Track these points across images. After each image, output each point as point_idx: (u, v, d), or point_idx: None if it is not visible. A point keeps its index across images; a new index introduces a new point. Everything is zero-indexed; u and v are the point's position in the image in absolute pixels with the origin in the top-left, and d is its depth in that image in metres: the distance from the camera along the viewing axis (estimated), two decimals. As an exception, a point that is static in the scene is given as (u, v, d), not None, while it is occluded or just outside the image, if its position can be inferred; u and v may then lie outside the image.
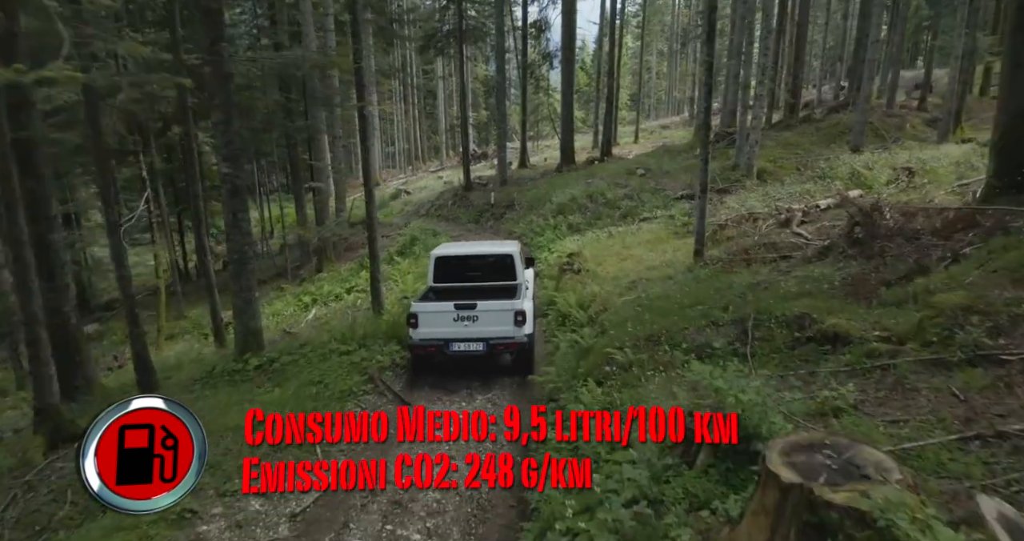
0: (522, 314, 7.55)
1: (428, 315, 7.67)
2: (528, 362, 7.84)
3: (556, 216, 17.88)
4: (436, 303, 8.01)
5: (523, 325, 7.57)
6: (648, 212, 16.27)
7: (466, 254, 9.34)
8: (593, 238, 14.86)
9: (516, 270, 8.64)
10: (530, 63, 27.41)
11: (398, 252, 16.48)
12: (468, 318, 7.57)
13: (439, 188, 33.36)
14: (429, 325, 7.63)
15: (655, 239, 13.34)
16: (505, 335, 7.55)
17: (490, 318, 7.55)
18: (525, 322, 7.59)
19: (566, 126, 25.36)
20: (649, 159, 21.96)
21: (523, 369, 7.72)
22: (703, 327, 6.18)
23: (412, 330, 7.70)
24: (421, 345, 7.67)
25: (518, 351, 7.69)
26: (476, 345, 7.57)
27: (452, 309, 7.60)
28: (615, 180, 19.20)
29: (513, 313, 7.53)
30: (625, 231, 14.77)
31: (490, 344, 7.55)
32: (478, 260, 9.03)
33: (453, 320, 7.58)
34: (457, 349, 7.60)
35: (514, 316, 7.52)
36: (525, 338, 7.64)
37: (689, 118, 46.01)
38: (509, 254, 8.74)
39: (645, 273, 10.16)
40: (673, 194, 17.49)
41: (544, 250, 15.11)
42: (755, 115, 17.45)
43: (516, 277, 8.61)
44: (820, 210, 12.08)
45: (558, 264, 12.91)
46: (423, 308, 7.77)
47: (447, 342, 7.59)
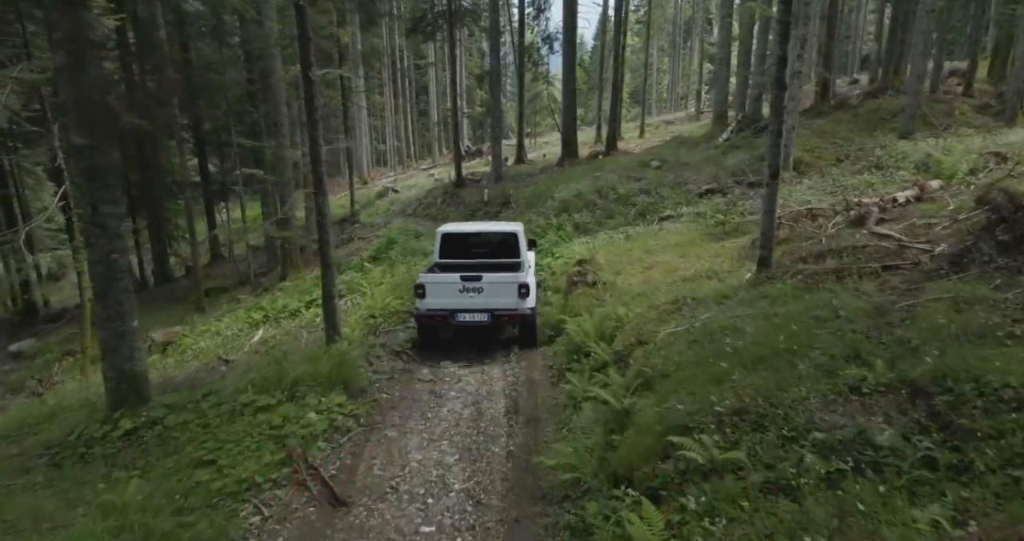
0: (526, 286, 7.83)
1: (435, 286, 7.90)
2: (532, 336, 8.22)
3: (559, 214, 15.29)
4: (443, 274, 8.15)
5: (526, 297, 7.85)
6: (669, 209, 13.68)
7: (471, 231, 9.46)
8: (606, 240, 12.27)
9: (520, 248, 8.84)
10: (528, 46, 24.79)
11: (371, 257, 13.86)
12: (473, 289, 7.84)
13: (429, 186, 30.76)
14: (436, 296, 7.88)
15: (685, 242, 10.76)
16: (509, 307, 7.82)
17: (495, 290, 7.81)
18: (529, 294, 7.90)
19: (568, 115, 22.76)
20: (663, 150, 19.38)
21: (528, 342, 8.20)
22: (836, 396, 3.58)
23: (419, 300, 7.95)
24: (428, 315, 7.92)
25: (521, 323, 8.10)
26: (481, 316, 7.84)
27: (458, 281, 7.84)
28: (627, 173, 16.61)
29: (517, 285, 7.80)
30: (645, 232, 12.18)
31: (495, 315, 7.82)
32: (483, 237, 9.21)
33: (459, 291, 7.84)
34: (462, 319, 7.88)
35: (518, 288, 7.79)
36: (528, 310, 7.95)
37: (696, 113, 43.56)
38: (513, 232, 8.93)
39: (686, 288, 7.56)
40: (696, 188, 14.91)
41: (547, 255, 12.51)
42: (792, 96, 14.88)
43: (519, 255, 8.79)
44: (899, 204, 9.52)
45: (566, 274, 10.32)
46: (430, 279, 7.99)
47: (453, 312, 7.86)
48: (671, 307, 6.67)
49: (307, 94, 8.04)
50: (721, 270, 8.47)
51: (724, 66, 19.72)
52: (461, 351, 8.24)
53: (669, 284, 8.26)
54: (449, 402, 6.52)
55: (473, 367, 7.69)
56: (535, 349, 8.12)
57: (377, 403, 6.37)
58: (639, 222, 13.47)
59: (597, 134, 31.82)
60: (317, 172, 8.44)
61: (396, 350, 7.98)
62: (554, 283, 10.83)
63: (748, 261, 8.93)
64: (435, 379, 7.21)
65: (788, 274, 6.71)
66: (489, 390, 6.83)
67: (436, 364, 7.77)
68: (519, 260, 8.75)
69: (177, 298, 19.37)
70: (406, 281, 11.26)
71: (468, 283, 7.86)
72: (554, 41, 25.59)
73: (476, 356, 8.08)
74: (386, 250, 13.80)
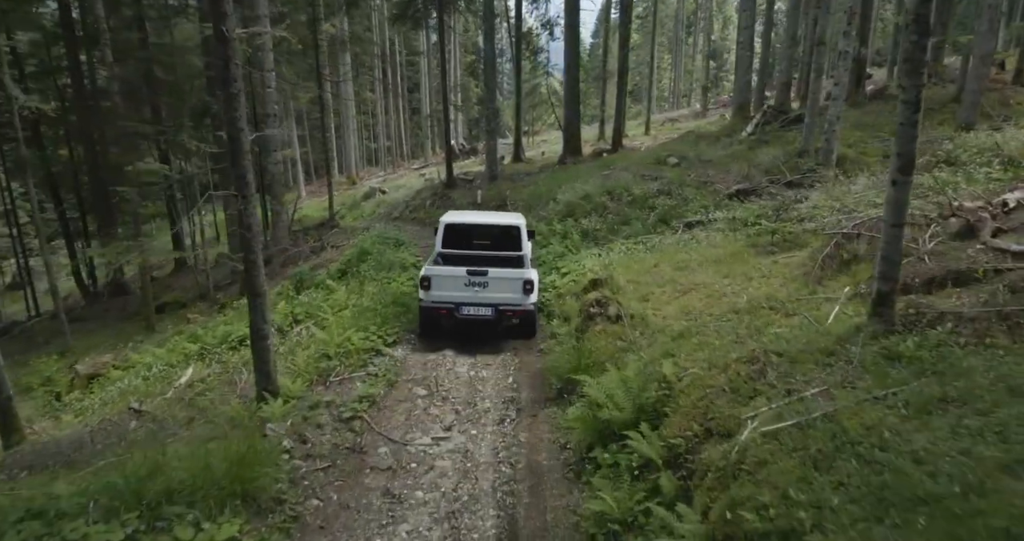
0: (530, 283, 7.94)
1: (440, 278, 7.91)
2: (531, 326, 8.33)
3: (564, 219, 13.07)
4: (449, 267, 8.08)
5: (531, 293, 7.98)
6: (697, 214, 11.47)
7: (475, 223, 9.23)
8: (624, 253, 10.05)
9: (522, 241, 8.75)
10: (525, 32, 22.55)
11: (338, 272, 11.60)
12: (479, 284, 7.85)
13: (419, 186, 28.52)
14: (441, 288, 7.90)
15: (725, 256, 8.54)
16: (513, 302, 7.91)
17: (500, 285, 7.87)
18: (533, 290, 8.02)
19: (570, 107, 20.53)
20: (680, 146, 17.16)
21: (527, 333, 8.35)
22: None
23: (424, 292, 7.94)
24: (433, 306, 7.92)
25: (523, 317, 8.10)
26: (485, 310, 7.87)
27: (464, 274, 7.86)
28: (641, 172, 14.40)
29: (522, 282, 7.91)
30: (670, 243, 9.96)
31: (499, 310, 7.88)
32: (486, 229, 9.03)
33: (464, 285, 7.86)
34: (467, 313, 7.88)
35: (523, 285, 7.91)
36: (531, 306, 8.09)
37: (702, 110, 41.39)
38: (516, 225, 8.84)
39: (748, 326, 5.40)
40: (725, 189, 12.70)
41: (550, 270, 10.30)
42: (838, 80, 12.68)
43: (521, 248, 8.72)
44: (1011, 209, 7.32)
45: (577, 298, 8.13)
46: (436, 271, 7.98)
47: (458, 306, 7.85)
48: (745, 367, 4.44)
49: (223, 55, 5.78)
50: (788, 299, 6.25)
51: (747, 49, 17.55)
52: (438, 418, 5.98)
53: (721, 319, 6.04)
54: (412, 513, 4.29)
55: (453, 438, 5.46)
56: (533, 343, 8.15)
57: (297, 524, 4.12)
58: (661, 229, 11.25)
59: (600, 131, 29.63)
60: (240, 168, 6.23)
61: (346, 416, 5.73)
62: (561, 309, 8.59)
63: (820, 285, 6.74)
64: (395, 467, 4.96)
65: (920, 318, 4.49)
66: (472, 489, 4.59)
67: (401, 439, 5.52)
68: (521, 254, 8.69)
69: (128, 314, 17.11)
70: (376, 305, 9.03)
71: (474, 277, 7.86)
72: (555, 26, 23.29)
73: (458, 422, 5.83)
74: (357, 263, 11.54)
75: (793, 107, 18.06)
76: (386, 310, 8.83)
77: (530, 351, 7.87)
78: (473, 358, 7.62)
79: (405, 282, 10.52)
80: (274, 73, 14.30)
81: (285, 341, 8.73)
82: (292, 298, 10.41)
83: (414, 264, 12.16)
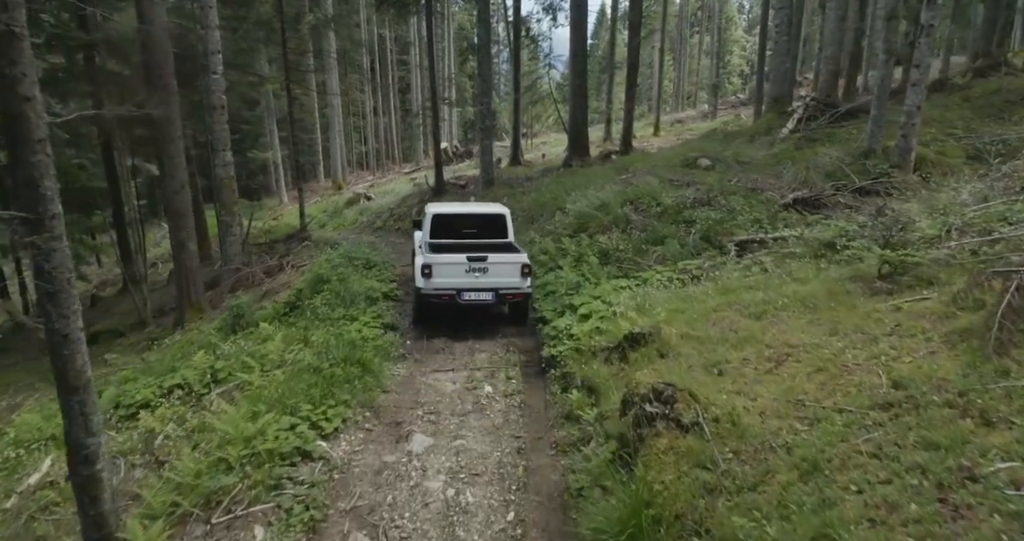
0: (528, 266, 8.13)
1: (441, 266, 7.94)
2: (524, 312, 8.53)
3: (575, 235, 10.49)
4: (449, 255, 8.12)
5: (528, 276, 8.15)
6: (750, 229, 8.89)
7: (461, 213, 9.48)
8: (663, 285, 7.43)
9: (508, 229, 9.23)
10: (525, 17, 19.98)
11: (285, 306, 8.94)
12: (479, 270, 7.98)
13: (407, 191, 25.93)
14: (442, 275, 7.93)
15: (819, 296, 5.92)
16: (513, 285, 8.07)
17: (500, 270, 8.02)
18: (531, 274, 8.26)
19: (577, 103, 17.92)
20: (707, 146, 14.58)
21: (520, 320, 8.56)
22: None
23: (425, 280, 7.91)
24: (436, 294, 7.94)
25: (516, 303, 8.30)
26: (486, 294, 8.01)
27: (464, 261, 7.97)
28: (667, 176, 11.81)
29: (520, 265, 8.08)
30: (729, 271, 7.31)
31: (499, 293, 8.02)
32: (472, 218, 9.34)
33: (465, 271, 7.96)
34: (469, 298, 7.98)
35: (521, 268, 8.06)
36: (529, 289, 8.26)
37: (710, 110, 38.93)
38: (501, 214, 9.35)
39: (939, 457, 2.75)
40: (779, 197, 10.12)
41: (563, 308, 7.67)
42: (919, 61, 10.11)
43: (508, 235, 9.18)
44: None
45: (608, 361, 5.53)
46: (436, 259, 7.98)
47: (459, 292, 7.95)
48: None
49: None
50: (966, 384, 3.65)
51: (784, 35, 15.03)
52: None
53: (863, 423, 3.46)
54: None
55: None
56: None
57: None
58: (706, 250, 8.64)
59: (606, 131, 27.05)
60: (27, 170, 3.59)
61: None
62: (584, 374, 5.94)
63: (1006, 358, 4.13)
64: None
65: None
66: None
67: None
68: (508, 240, 9.07)
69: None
70: (321, 363, 6.41)
71: (474, 263, 7.97)
72: (558, 11, 20.68)
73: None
74: (311, 294, 8.90)
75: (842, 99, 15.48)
76: (334, 372, 6.20)
77: (541, 452, 5.22)
78: (455, 460, 4.99)
79: (370, 324, 7.90)
80: (220, 56, 11.66)
81: (191, 416, 6.09)
82: (217, 346, 7.74)
83: (386, 294, 9.53)
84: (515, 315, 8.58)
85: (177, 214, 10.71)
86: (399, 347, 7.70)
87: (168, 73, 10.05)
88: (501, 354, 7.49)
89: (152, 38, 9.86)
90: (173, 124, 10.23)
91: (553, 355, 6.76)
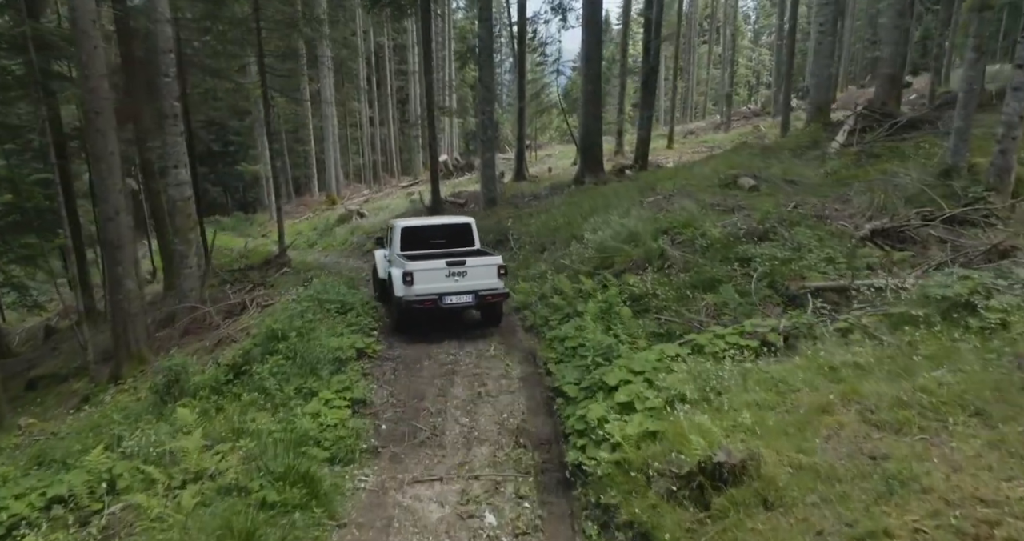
0: (504, 267, 8.52)
1: (423, 273, 8.10)
2: (499, 314, 8.88)
3: (597, 272, 8.56)
4: (429, 262, 8.31)
5: (504, 277, 8.53)
6: (826, 272, 6.91)
7: (430, 225, 9.90)
8: (731, 358, 5.42)
9: (474, 237, 9.49)
10: (532, 18, 18.14)
11: (227, 371, 6.94)
12: (458, 274, 8.22)
13: (403, 208, 24.07)
14: (424, 282, 8.09)
15: (982, 392, 3.95)
16: (491, 287, 8.35)
17: (477, 272, 8.29)
18: (507, 274, 8.72)
19: (590, 111, 16.03)
20: (745, 161, 12.61)
21: (494, 322, 8.90)
22: None
23: (407, 287, 8.05)
24: (418, 300, 8.06)
25: (491, 305, 8.58)
26: (466, 297, 8.23)
27: (444, 266, 8.19)
28: (704, 198, 9.88)
29: (496, 267, 8.40)
30: (828, 345, 5.28)
31: (479, 295, 8.25)
32: (440, 229, 9.63)
33: (445, 276, 8.18)
34: (450, 301, 8.17)
35: (497, 270, 8.39)
36: (505, 290, 8.63)
37: (724, 121, 37.12)
38: (467, 223, 9.61)
39: None
40: (850, 226, 8.15)
41: (594, 387, 5.67)
42: (1021, 60, 8.18)
43: (475, 243, 9.46)
44: None
45: (674, 500, 3.54)
46: (418, 267, 8.12)
47: (441, 296, 8.12)
48: None
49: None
50: None
51: (829, 36, 13.09)
52: None
53: None
54: None
55: None
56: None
57: None
58: (770, 298, 6.67)
59: (617, 143, 25.17)
60: None
61: None
62: (630, 510, 3.94)
63: None
64: None
65: None
66: None
67: None
68: (477, 248, 9.38)
69: (-12, 391, 12.45)
70: (253, 482, 4.46)
71: (453, 268, 8.17)
72: (568, 12, 18.81)
73: None
74: (262, 355, 6.92)
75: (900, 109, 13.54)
76: (265, 499, 4.23)
77: None
78: None
79: (333, 402, 5.93)
80: (173, 55, 9.79)
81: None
82: (121, 437, 5.75)
83: (362, 350, 7.57)
84: (489, 317, 8.86)
85: (111, 245, 8.78)
86: (370, 435, 5.73)
87: (97, 74, 8.15)
88: (507, 450, 5.50)
89: (78, 32, 7.97)
90: (105, 137, 8.32)
91: (581, 463, 4.77)
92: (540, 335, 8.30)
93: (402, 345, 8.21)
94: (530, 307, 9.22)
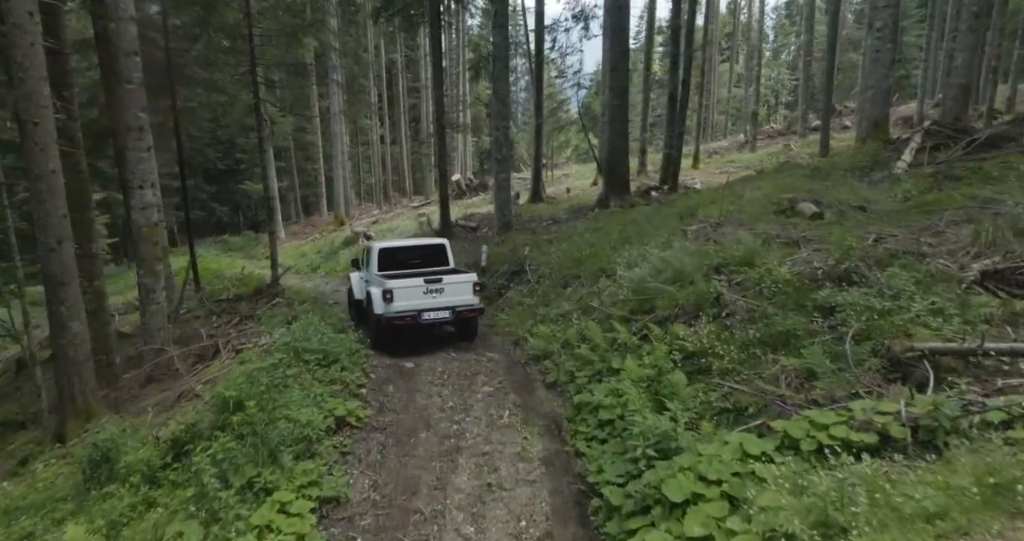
0: (480, 284, 8.92)
1: (402, 290, 8.37)
2: (474, 329, 9.22)
3: (635, 317, 7.02)
4: (407, 280, 8.53)
5: (480, 293, 8.93)
6: (938, 329, 5.28)
7: (406, 246, 10.15)
8: (844, 466, 3.81)
9: (449, 257, 9.91)
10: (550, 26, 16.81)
11: (172, 449, 5.47)
12: (436, 290, 8.53)
13: (412, 230, 22.72)
14: (403, 299, 8.35)
15: None
16: (467, 303, 8.68)
17: (454, 289, 8.62)
18: (482, 290, 9.41)
19: (616, 131, 14.57)
20: (797, 184, 11.02)
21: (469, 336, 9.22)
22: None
23: (388, 304, 8.29)
24: (399, 317, 8.30)
25: (467, 321, 8.96)
26: (444, 312, 8.55)
27: (422, 284, 8.48)
28: (762, 228, 8.31)
29: (471, 284, 8.74)
30: (979, 446, 3.70)
31: (456, 311, 8.60)
32: (416, 250, 10.01)
33: (423, 293, 8.48)
34: (428, 317, 8.45)
35: (473, 286, 8.73)
36: (480, 306, 9.04)
37: (748, 139, 35.62)
38: (442, 244, 10.08)
39: None
40: (956, 269, 6.53)
41: (648, 502, 4.07)
42: None
43: (449, 262, 9.86)
44: None
45: None
46: (398, 285, 8.36)
47: (419, 312, 8.41)
48: None
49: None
50: None
51: (889, 42, 11.58)
52: None
53: None
54: None
55: None
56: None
57: None
58: (867, 362, 5.06)
59: (640, 162, 23.68)
60: None
61: None
62: None
63: None
64: None
65: None
66: None
67: None
68: (452, 267, 9.78)
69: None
70: None
71: (431, 285, 8.46)
72: (591, 20, 17.47)
73: None
74: (212, 432, 5.42)
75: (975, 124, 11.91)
76: None
77: None
78: None
79: (292, 504, 4.40)
80: (138, 59, 8.47)
81: None
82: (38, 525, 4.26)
83: (342, 419, 6.04)
84: (464, 331, 9.18)
85: (54, 280, 7.37)
86: (339, 558, 4.17)
87: (35, 77, 6.81)
88: (528, 590, 3.91)
89: (11, 26, 6.64)
90: (45, 152, 6.96)
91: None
92: (565, 396, 6.74)
93: (394, 409, 6.66)
94: (551, 357, 7.66)
